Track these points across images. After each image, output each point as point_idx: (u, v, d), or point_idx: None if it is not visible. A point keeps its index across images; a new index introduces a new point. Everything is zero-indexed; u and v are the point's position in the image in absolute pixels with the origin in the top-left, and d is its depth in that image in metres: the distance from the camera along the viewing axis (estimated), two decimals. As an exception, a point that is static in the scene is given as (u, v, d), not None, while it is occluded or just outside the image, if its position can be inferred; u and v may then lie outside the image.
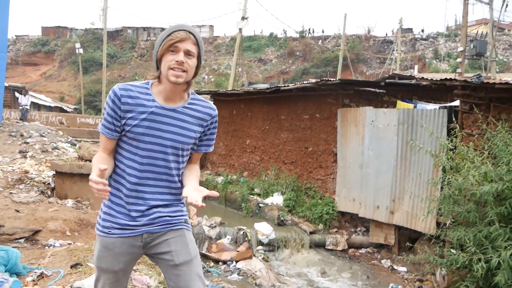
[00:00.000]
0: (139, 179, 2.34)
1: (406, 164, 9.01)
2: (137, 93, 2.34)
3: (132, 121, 2.30)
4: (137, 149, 2.33)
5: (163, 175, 2.38)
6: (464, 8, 20.78)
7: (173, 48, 2.25)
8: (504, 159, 5.68)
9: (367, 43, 55.88)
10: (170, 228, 2.42)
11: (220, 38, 63.73)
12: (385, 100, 11.31)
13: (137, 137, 2.32)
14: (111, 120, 2.32)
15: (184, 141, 2.39)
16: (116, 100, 2.31)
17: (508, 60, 46.06)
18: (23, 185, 9.22)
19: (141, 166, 2.34)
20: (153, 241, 2.40)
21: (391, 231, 9.44)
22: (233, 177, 14.06)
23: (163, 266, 2.45)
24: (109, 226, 2.38)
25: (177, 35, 2.24)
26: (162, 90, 2.35)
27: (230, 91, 15.58)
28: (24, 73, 60.60)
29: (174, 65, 2.23)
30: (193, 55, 2.30)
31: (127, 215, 2.36)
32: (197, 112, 2.44)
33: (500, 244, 5.09)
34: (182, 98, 2.41)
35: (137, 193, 2.35)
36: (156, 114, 2.32)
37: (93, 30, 63.95)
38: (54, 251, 5.35)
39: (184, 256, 2.40)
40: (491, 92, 7.41)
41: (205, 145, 2.55)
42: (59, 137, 15.88)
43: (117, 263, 2.39)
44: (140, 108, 2.31)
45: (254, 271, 7.79)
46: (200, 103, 2.48)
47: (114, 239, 2.36)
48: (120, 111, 2.31)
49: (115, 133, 2.35)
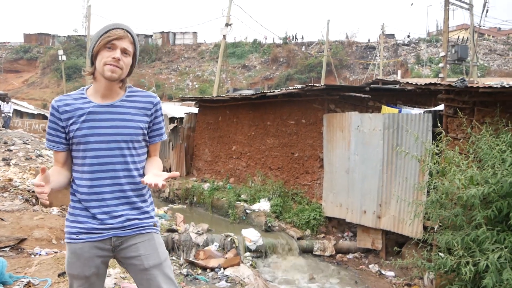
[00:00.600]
0: (94, 181, 2.34)
1: (392, 169, 9.07)
2: (72, 100, 2.38)
3: (74, 126, 2.33)
4: (86, 151, 2.34)
5: (120, 171, 2.38)
6: (445, 14, 21.03)
7: (110, 45, 2.29)
8: (489, 162, 5.73)
9: (350, 49, 56.27)
10: (139, 232, 2.42)
11: (203, 44, 63.70)
12: (370, 105, 11.40)
13: (82, 140, 2.33)
14: (54, 133, 2.37)
15: (131, 132, 2.39)
16: (55, 112, 2.36)
17: (488, 65, 46.71)
18: (7, 193, 9.08)
19: (92, 167, 2.34)
20: (121, 245, 2.39)
21: (378, 235, 9.48)
22: (219, 184, 14.01)
23: (132, 271, 2.45)
24: (75, 232, 2.37)
25: (115, 33, 2.29)
26: (98, 89, 2.39)
27: (215, 97, 15.55)
28: (6, 80, 59.86)
29: (111, 61, 2.27)
30: (129, 54, 2.35)
31: (93, 218, 2.35)
32: (137, 103, 2.46)
33: (488, 247, 5.12)
34: (118, 94, 2.44)
35: (97, 195, 2.35)
36: (94, 113, 2.35)
37: (76, 37, 63.45)
38: (40, 260, 5.28)
39: (154, 260, 2.41)
40: (475, 96, 7.49)
41: (157, 135, 2.56)
42: (43, 144, 15.69)
43: (88, 268, 2.38)
44: (78, 112, 2.34)
45: (242, 277, 7.76)
46: (139, 93, 2.51)
47: (82, 244, 2.35)
48: (61, 121, 2.35)
49: (61, 145, 2.38)
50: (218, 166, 15.20)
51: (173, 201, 14.37)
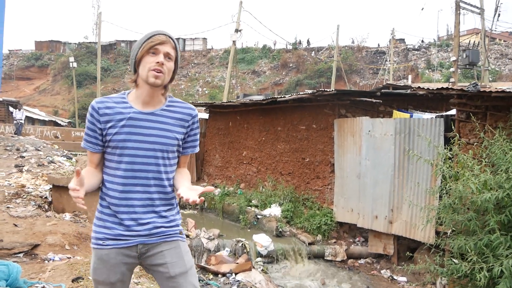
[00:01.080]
0: (126, 186, 2.35)
1: (404, 174, 9.03)
2: (113, 104, 2.38)
3: (112, 130, 2.33)
4: (121, 156, 2.34)
5: (151, 179, 2.38)
6: (456, 18, 20.98)
7: (153, 50, 2.30)
8: (502, 167, 5.70)
9: (359, 54, 56.17)
10: (165, 240, 2.42)
11: (213, 50, 63.91)
12: (381, 110, 11.37)
13: (120, 145, 2.33)
14: (92, 134, 2.37)
15: (168, 143, 2.40)
16: (94, 113, 2.36)
17: (500, 69, 46.42)
18: (20, 200, 9.14)
19: (125, 173, 2.35)
20: (148, 252, 2.39)
21: (390, 241, 9.43)
22: (230, 189, 14.03)
23: (158, 278, 2.45)
24: (102, 238, 2.37)
25: (158, 38, 2.31)
26: (139, 95, 2.39)
27: (226, 103, 15.60)
28: (18, 87, 60.39)
29: (154, 66, 2.28)
30: (172, 59, 2.37)
31: (120, 225, 2.35)
32: (176, 114, 2.47)
33: (501, 252, 5.09)
34: (160, 102, 2.44)
35: (126, 201, 2.35)
36: (134, 119, 2.35)
37: (87, 44, 64.03)
38: (54, 265, 5.30)
39: (180, 268, 2.40)
40: (487, 101, 7.46)
41: (190, 147, 2.56)
42: (55, 151, 15.83)
43: (114, 274, 2.38)
44: (118, 116, 2.34)
45: (254, 283, 7.75)
46: (178, 104, 2.52)
47: (109, 250, 2.36)
48: (99, 123, 2.35)
49: (98, 146, 2.38)
50: (229, 172, 15.21)
51: (184, 207, 14.38)
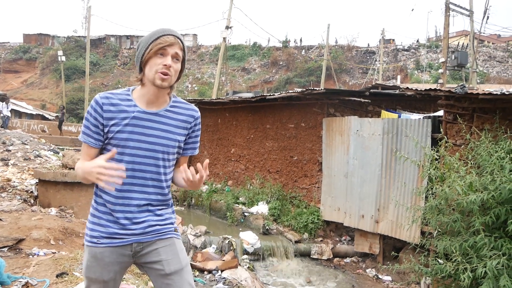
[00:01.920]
0: (124, 185, 2.31)
1: (391, 173, 9.08)
2: (118, 100, 2.35)
3: (115, 128, 2.30)
4: (122, 155, 2.31)
5: (149, 180, 2.36)
6: (446, 20, 21.10)
7: (161, 51, 2.26)
8: (488, 168, 5.75)
9: (349, 53, 56.35)
10: (159, 237, 2.40)
11: (203, 47, 63.72)
12: (370, 110, 11.42)
13: (121, 143, 2.31)
14: (94, 129, 2.33)
15: (169, 144, 2.39)
16: (98, 108, 2.31)
17: (488, 72, 46.82)
18: (5, 193, 9.08)
19: (125, 172, 2.29)
20: (142, 250, 2.37)
21: (376, 240, 9.49)
22: (217, 186, 14.02)
23: (153, 275, 2.42)
24: (97, 236, 2.35)
25: (166, 40, 2.27)
26: (145, 94, 2.36)
27: (215, 99, 15.57)
28: (5, 80, 59.77)
29: (162, 68, 2.25)
30: (179, 60, 2.34)
31: (116, 223, 2.33)
32: (179, 115, 2.45)
33: (485, 253, 5.14)
34: (164, 101, 2.42)
35: (123, 200, 2.33)
36: (138, 118, 2.33)
37: (76, 38, 63.45)
38: (38, 260, 5.27)
39: (175, 265, 2.39)
40: (475, 103, 7.52)
41: (190, 148, 2.55)
42: (42, 145, 15.66)
43: (107, 272, 2.37)
44: (122, 114, 2.32)
45: (240, 280, 7.74)
46: (182, 105, 2.50)
47: (103, 248, 2.34)
48: (102, 119, 2.31)
49: (98, 142, 2.35)
50: (217, 169, 15.20)
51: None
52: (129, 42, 64.84)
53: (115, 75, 58.38)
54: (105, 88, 53.98)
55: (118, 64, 60.81)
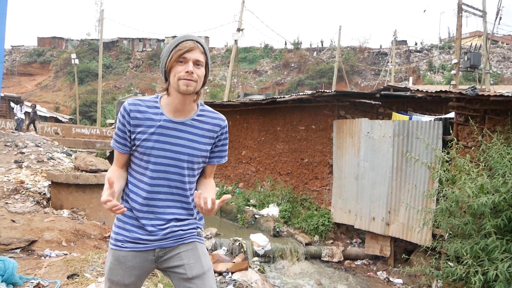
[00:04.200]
0: (150, 193, 2.34)
1: (402, 176, 9.04)
2: (145, 108, 2.35)
3: (141, 136, 2.32)
4: (148, 163, 2.34)
5: (174, 188, 2.38)
6: (458, 21, 20.95)
7: (181, 59, 2.25)
8: (499, 171, 5.72)
9: (361, 55, 56.15)
10: (182, 242, 2.41)
11: (215, 49, 63.90)
12: (381, 112, 11.37)
13: (147, 151, 2.32)
14: (122, 135, 2.35)
15: (195, 153, 2.38)
16: (126, 115, 2.33)
17: (502, 72, 46.38)
18: (19, 195, 9.16)
19: (151, 180, 2.34)
20: (165, 255, 2.39)
21: (387, 242, 9.45)
22: (228, 188, 14.05)
23: (175, 279, 2.43)
24: (121, 240, 2.38)
25: (185, 45, 2.25)
26: (171, 102, 2.35)
27: (226, 102, 15.61)
28: (20, 83, 60.48)
29: (184, 76, 2.23)
30: (202, 65, 2.30)
31: (141, 229, 2.36)
32: (206, 124, 2.44)
33: (497, 256, 5.10)
34: (191, 110, 2.41)
35: (148, 207, 2.35)
36: (164, 127, 2.33)
37: (89, 40, 64.03)
38: (50, 262, 5.32)
39: (197, 270, 2.39)
40: (486, 104, 7.46)
41: (217, 157, 2.54)
42: (55, 147, 15.82)
43: (128, 276, 2.39)
44: (148, 122, 2.32)
45: (250, 282, 7.75)
46: (209, 114, 2.48)
47: (126, 252, 2.36)
48: (129, 126, 2.33)
49: (127, 148, 2.37)
50: (228, 171, 15.23)
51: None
52: (141, 44, 65.21)
53: (127, 78, 58.75)
54: (117, 91, 54.39)
55: (131, 67, 61.18)
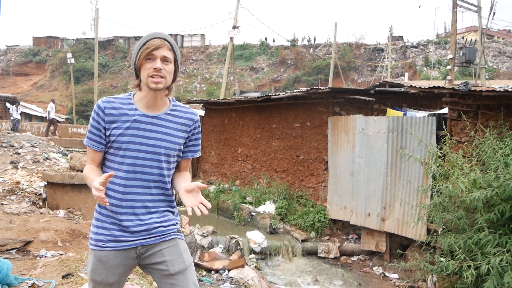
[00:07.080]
0: (127, 188, 2.37)
1: (396, 171, 9.08)
2: (119, 104, 2.41)
3: (116, 131, 2.36)
4: (123, 158, 2.37)
5: (151, 182, 2.41)
6: (453, 16, 21.00)
7: (150, 56, 2.32)
8: (492, 165, 5.75)
9: (358, 51, 56.13)
10: (163, 239, 2.44)
11: (211, 47, 63.81)
12: (375, 108, 11.40)
13: (123, 146, 2.36)
14: (97, 132, 2.39)
15: (170, 146, 2.43)
16: (100, 112, 2.38)
17: (497, 67, 46.44)
18: (15, 196, 9.17)
19: (127, 174, 2.38)
20: (147, 252, 2.42)
21: (383, 238, 9.49)
22: (225, 186, 14.07)
23: (157, 276, 2.46)
24: (102, 239, 2.39)
25: (152, 43, 2.32)
26: (143, 98, 2.42)
27: (221, 100, 15.61)
28: (15, 83, 60.29)
29: (153, 72, 2.30)
30: (170, 61, 2.37)
31: (119, 226, 2.38)
32: (179, 118, 2.50)
33: (489, 250, 5.14)
34: (164, 104, 2.48)
35: (127, 203, 2.37)
36: (139, 121, 2.38)
37: (85, 40, 63.79)
38: (45, 262, 5.33)
39: (179, 265, 2.43)
40: (479, 100, 7.49)
41: (191, 151, 2.60)
42: (51, 147, 15.82)
43: (112, 275, 2.41)
44: (123, 117, 2.38)
45: (247, 279, 7.78)
46: (181, 109, 2.54)
47: (108, 252, 2.38)
48: (104, 122, 2.37)
49: (101, 145, 2.41)
50: (224, 169, 15.25)
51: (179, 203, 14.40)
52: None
53: (124, 77, 58.63)
54: (114, 90, 54.30)
55: (127, 66, 61.04)
